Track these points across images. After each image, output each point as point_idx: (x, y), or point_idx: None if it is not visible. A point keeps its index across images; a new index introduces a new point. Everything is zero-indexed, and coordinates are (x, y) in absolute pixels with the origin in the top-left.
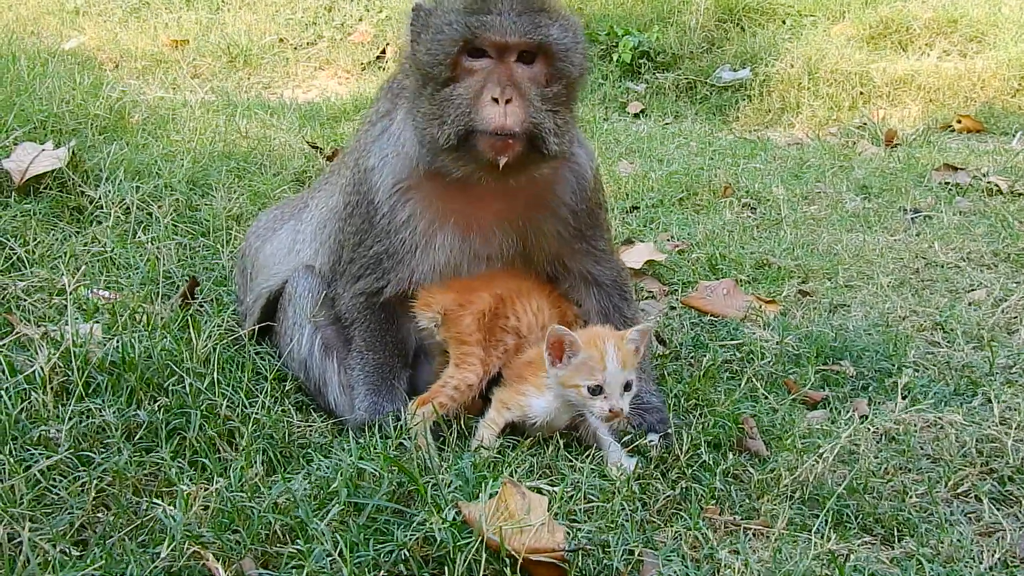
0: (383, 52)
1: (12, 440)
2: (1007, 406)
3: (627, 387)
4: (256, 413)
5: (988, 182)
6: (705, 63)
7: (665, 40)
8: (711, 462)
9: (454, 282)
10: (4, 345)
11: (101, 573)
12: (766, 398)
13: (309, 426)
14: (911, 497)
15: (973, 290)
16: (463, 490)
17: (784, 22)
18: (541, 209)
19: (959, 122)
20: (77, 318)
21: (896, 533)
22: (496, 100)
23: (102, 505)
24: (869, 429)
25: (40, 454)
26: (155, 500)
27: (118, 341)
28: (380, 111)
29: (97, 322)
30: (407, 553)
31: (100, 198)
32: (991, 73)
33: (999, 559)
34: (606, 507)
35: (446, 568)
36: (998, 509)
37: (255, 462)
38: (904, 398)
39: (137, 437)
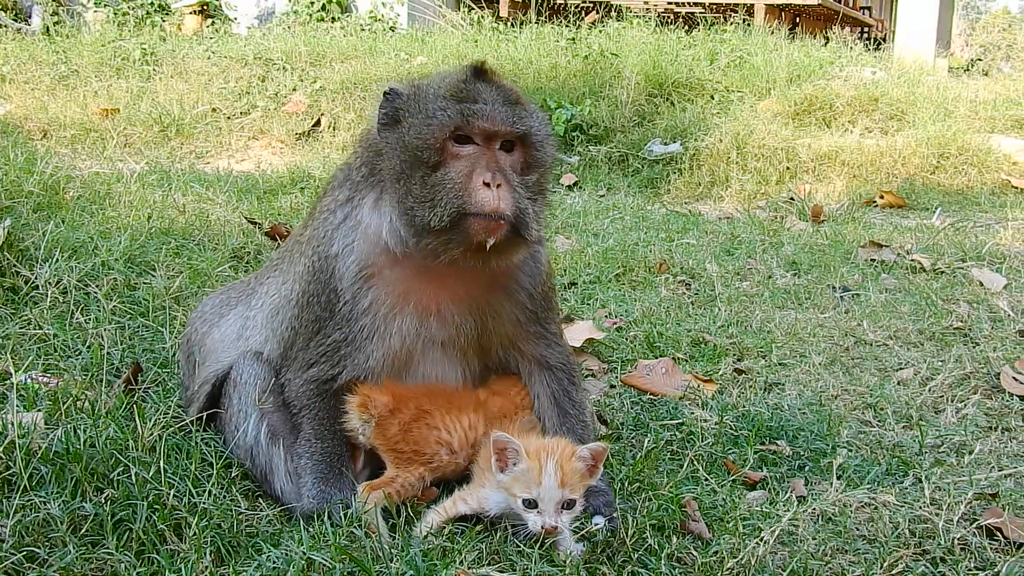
0: (317, 123)
1: None
2: (936, 487)
3: (567, 505)
4: (204, 502)
5: (912, 260)
6: (636, 136)
7: (597, 113)
8: (656, 546)
9: (391, 385)
10: None
11: None
12: (707, 480)
13: (257, 514)
14: None
15: (901, 369)
16: None
17: (712, 97)
18: (500, 293)
19: (882, 197)
20: (18, 407)
21: None
22: (488, 184)
23: None
24: (808, 511)
25: None
26: None
27: (62, 430)
28: (339, 199)
29: (40, 410)
30: None
31: (36, 278)
32: (911, 150)
33: None
34: None
35: None
36: None
37: (204, 554)
38: (839, 478)
39: (83, 530)
